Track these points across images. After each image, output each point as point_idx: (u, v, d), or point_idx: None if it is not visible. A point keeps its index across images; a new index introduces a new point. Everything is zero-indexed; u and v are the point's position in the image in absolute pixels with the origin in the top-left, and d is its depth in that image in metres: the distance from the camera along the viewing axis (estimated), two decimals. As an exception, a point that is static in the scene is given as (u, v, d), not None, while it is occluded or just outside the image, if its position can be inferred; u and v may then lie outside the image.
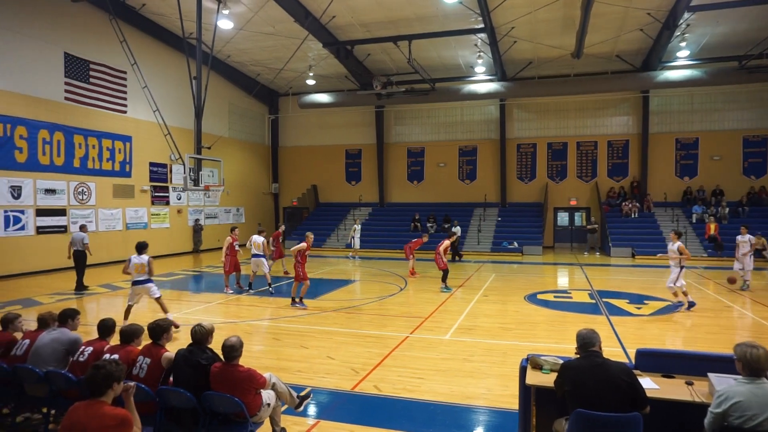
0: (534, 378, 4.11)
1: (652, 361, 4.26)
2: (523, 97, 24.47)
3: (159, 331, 4.52)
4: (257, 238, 12.84)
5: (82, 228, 13.67)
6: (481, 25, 17.63)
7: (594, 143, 24.78)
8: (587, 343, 3.70)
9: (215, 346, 4.46)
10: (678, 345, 8.14)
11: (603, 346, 3.79)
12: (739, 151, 23.04)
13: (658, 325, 9.32)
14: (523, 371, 4.26)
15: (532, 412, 4.16)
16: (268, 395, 4.40)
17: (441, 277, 13.33)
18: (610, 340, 8.01)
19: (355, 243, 21.06)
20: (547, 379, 4.03)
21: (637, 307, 10.68)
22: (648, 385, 3.81)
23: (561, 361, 4.01)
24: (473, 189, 26.34)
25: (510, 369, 6.47)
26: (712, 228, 20.12)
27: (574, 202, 25.09)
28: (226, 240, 12.92)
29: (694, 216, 21.88)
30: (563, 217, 25.76)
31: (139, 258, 8.88)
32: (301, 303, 10.73)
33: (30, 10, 15.75)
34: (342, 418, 5.18)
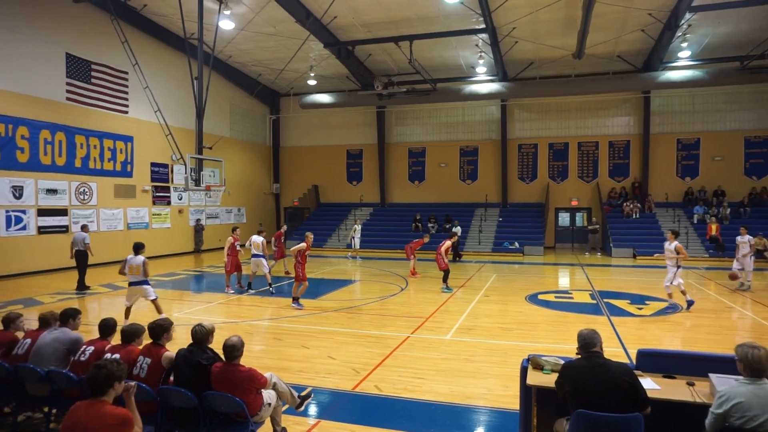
0: (535, 378, 4.11)
1: (653, 362, 4.25)
2: (525, 98, 24.46)
3: (159, 330, 4.52)
4: (257, 239, 12.86)
5: (84, 228, 13.69)
6: (483, 26, 17.63)
7: (595, 143, 24.77)
8: (588, 343, 3.69)
9: (216, 345, 4.45)
10: (679, 345, 8.13)
11: (604, 346, 3.78)
12: (741, 152, 23.01)
13: (659, 326, 9.31)
14: (524, 371, 4.26)
15: (533, 412, 4.16)
16: (269, 395, 4.41)
17: (442, 277, 13.34)
18: (611, 340, 8.00)
19: (355, 243, 21.08)
20: (548, 379, 4.03)
21: (638, 308, 10.66)
22: (649, 385, 3.80)
23: (562, 362, 4.01)
24: (474, 189, 26.32)
25: (511, 369, 6.47)
26: (714, 228, 20.13)
27: (575, 203, 25.07)
28: (228, 240, 12.94)
29: (696, 216, 21.85)
30: (564, 218, 25.73)
31: (135, 259, 8.86)
32: (297, 303, 10.73)
33: (31, 10, 15.78)
34: (343, 418, 5.18)
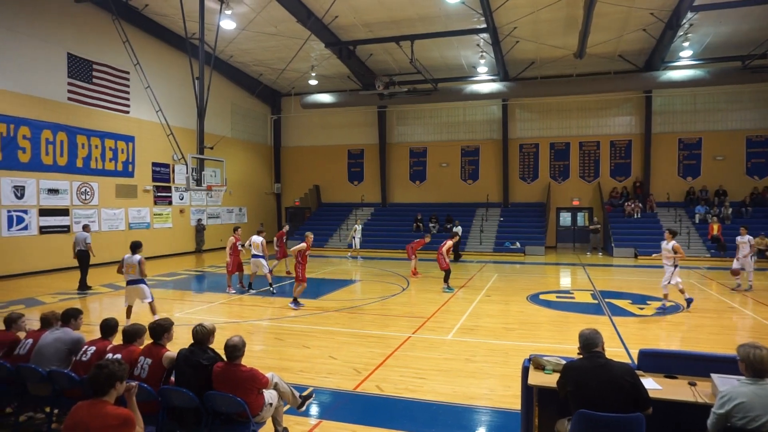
0: (536, 378, 4.11)
1: (655, 362, 4.24)
2: (526, 97, 24.44)
3: (160, 330, 4.52)
4: (256, 239, 12.88)
5: (85, 228, 13.71)
6: (484, 25, 17.62)
7: (596, 143, 24.74)
8: (590, 343, 3.69)
9: (217, 345, 4.45)
10: (680, 345, 8.11)
11: (605, 346, 3.78)
12: (743, 152, 22.97)
13: (660, 326, 9.30)
14: (525, 371, 4.25)
15: (535, 412, 4.16)
16: (271, 395, 4.41)
17: (443, 277, 13.34)
18: (613, 340, 7.99)
19: (355, 243, 21.08)
20: (549, 379, 4.02)
21: (640, 308, 10.65)
22: (650, 385, 3.79)
23: (563, 362, 4.00)
24: (475, 189, 26.30)
25: (512, 369, 6.47)
26: (715, 228, 20.10)
27: (576, 203, 25.04)
28: (230, 240, 12.95)
29: (697, 216, 21.80)
30: (566, 218, 25.70)
31: (132, 258, 8.84)
32: (294, 303, 10.70)
33: (33, 10, 15.80)
34: (344, 418, 5.18)
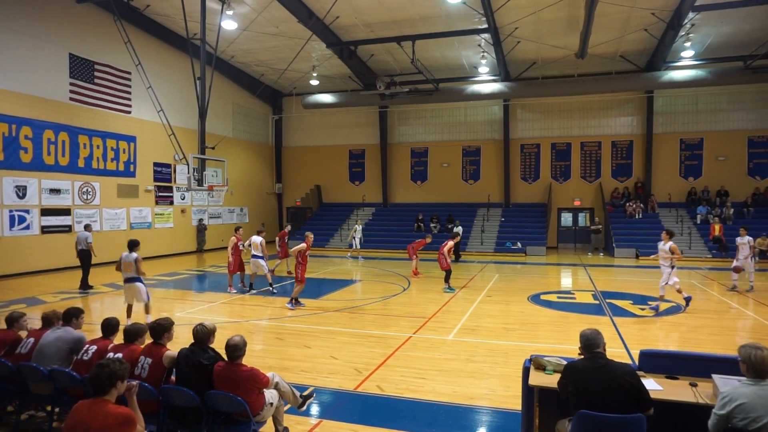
0: (537, 379, 4.10)
1: (656, 362, 4.24)
2: (527, 98, 24.42)
3: (160, 330, 4.52)
4: (256, 239, 12.90)
5: (87, 227, 13.73)
6: (485, 26, 17.62)
7: (598, 143, 24.71)
8: (591, 343, 3.68)
9: (218, 345, 4.46)
10: (681, 346, 8.09)
11: (606, 347, 3.77)
12: (744, 152, 22.93)
13: (661, 326, 9.29)
14: (526, 372, 4.25)
15: (535, 412, 4.16)
16: (271, 395, 4.41)
17: (444, 277, 13.33)
18: (614, 340, 7.99)
19: (355, 243, 21.08)
20: (550, 379, 4.02)
21: (641, 308, 10.63)
22: (651, 386, 3.79)
23: (564, 362, 4.00)
24: (477, 189, 26.29)
25: (513, 369, 6.47)
26: (717, 229, 20.08)
27: (577, 203, 25.02)
28: (231, 240, 12.96)
29: (699, 217, 21.77)
30: (567, 218, 25.68)
31: (129, 256, 8.87)
32: (291, 303, 10.69)
33: (34, 10, 15.82)
34: (345, 418, 5.18)
